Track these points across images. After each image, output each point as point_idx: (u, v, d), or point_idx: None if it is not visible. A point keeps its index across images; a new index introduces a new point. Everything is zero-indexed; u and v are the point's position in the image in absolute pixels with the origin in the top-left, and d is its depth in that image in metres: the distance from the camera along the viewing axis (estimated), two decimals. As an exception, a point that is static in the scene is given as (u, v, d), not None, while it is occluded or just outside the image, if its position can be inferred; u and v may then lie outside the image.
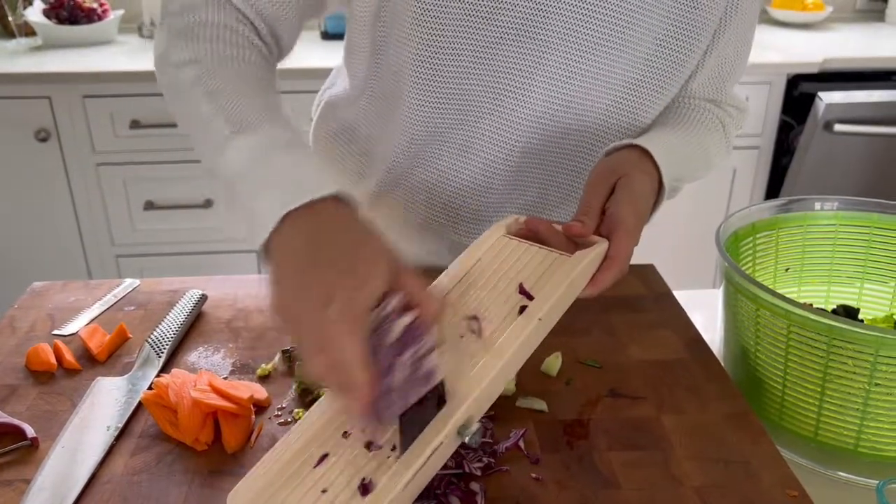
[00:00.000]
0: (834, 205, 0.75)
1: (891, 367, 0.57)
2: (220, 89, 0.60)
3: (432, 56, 0.66)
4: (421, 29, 0.65)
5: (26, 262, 2.09)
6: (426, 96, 0.69)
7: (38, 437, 0.55)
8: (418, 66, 0.67)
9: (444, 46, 0.66)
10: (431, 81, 0.68)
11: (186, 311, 0.69)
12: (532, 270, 0.57)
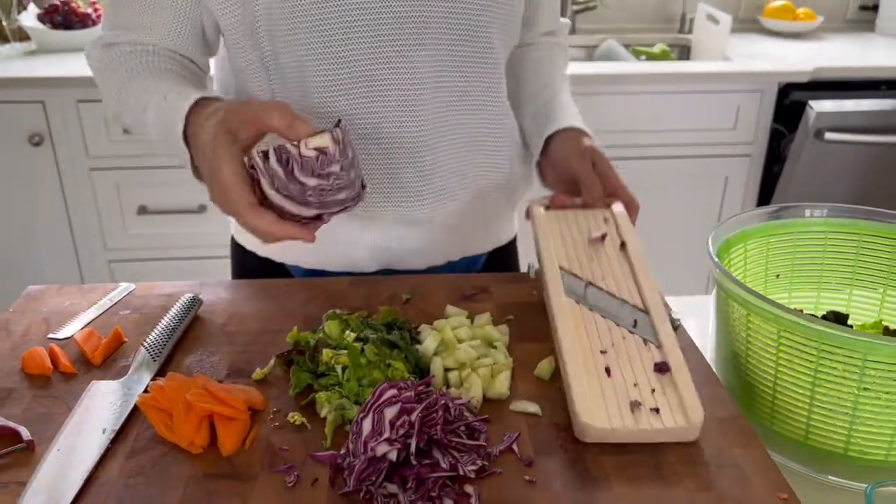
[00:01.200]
0: (823, 212, 0.76)
1: (879, 372, 0.58)
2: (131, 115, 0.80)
3: (328, 51, 0.73)
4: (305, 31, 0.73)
5: (19, 266, 2.08)
6: (333, 88, 0.75)
7: (33, 440, 0.55)
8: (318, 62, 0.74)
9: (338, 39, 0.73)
10: (335, 73, 0.74)
11: (181, 315, 0.69)
12: (599, 223, 0.77)
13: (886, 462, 0.61)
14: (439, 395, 0.55)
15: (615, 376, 0.59)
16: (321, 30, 0.72)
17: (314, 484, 0.52)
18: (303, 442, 0.56)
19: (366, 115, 0.76)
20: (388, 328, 0.66)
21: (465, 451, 0.54)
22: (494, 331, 0.67)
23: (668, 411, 0.56)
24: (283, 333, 0.68)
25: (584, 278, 0.69)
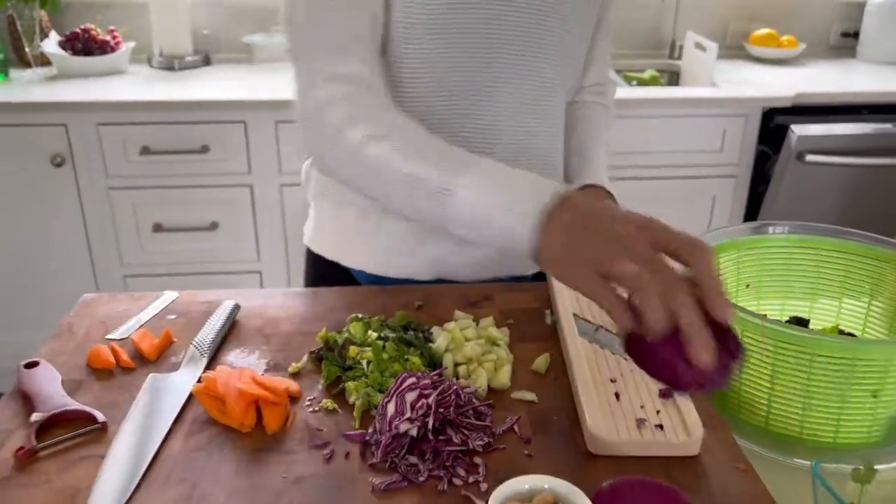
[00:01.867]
0: (785, 229, 0.87)
1: (824, 365, 0.68)
2: (417, 148, 0.73)
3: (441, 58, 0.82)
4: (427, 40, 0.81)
5: (38, 279, 2.18)
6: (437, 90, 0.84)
7: (106, 422, 0.65)
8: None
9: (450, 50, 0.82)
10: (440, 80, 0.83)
11: (223, 318, 0.79)
12: None
13: (834, 444, 0.71)
14: (451, 383, 0.65)
15: (623, 400, 0.68)
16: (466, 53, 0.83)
17: (347, 457, 0.62)
18: (335, 423, 0.66)
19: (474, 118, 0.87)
20: (404, 329, 0.76)
21: (473, 429, 0.64)
22: (497, 331, 0.77)
23: (672, 428, 0.65)
24: (313, 335, 0.78)
25: (595, 322, 0.79)
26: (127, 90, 2.12)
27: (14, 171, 2.04)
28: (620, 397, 0.68)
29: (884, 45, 2.56)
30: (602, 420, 0.65)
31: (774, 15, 2.69)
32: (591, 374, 0.70)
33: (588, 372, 0.70)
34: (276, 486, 0.59)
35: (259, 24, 2.50)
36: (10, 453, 0.62)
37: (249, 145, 2.06)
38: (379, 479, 0.59)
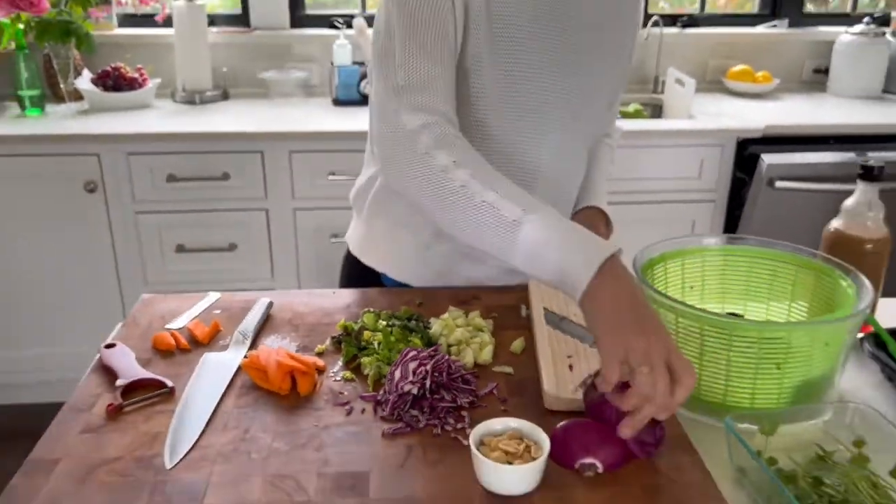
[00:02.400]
0: (720, 240, 1.05)
1: (740, 346, 0.85)
2: (495, 184, 0.85)
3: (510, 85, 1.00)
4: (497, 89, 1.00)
5: (68, 295, 2.35)
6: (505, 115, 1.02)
7: (174, 387, 0.83)
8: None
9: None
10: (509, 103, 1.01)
11: (261, 311, 0.98)
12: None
13: (752, 408, 0.88)
14: (444, 356, 0.83)
15: (575, 371, 0.86)
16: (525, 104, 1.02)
17: (363, 412, 0.80)
18: (353, 388, 0.84)
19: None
20: (407, 319, 0.95)
21: (461, 391, 0.82)
22: (482, 321, 0.95)
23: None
24: (333, 325, 0.96)
25: (560, 314, 0.97)
26: (153, 123, 2.32)
27: (51, 196, 2.23)
28: (573, 368, 0.86)
29: (850, 81, 2.76)
30: (556, 383, 0.82)
31: (751, 52, 2.90)
32: (551, 351, 0.88)
33: (549, 349, 0.88)
34: (309, 431, 0.77)
35: (273, 61, 2.71)
36: (102, 409, 0.80)
37: (266, 173, 2.25)
38: (388, 427, 0.77)
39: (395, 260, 1.16)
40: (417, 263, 1.12)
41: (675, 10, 3.06)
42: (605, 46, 1.08)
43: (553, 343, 0.90)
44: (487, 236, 0.83)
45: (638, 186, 2.38)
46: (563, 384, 0.83)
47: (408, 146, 0.90)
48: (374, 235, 1.18)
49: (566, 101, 1.04)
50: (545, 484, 0.69)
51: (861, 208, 1.08)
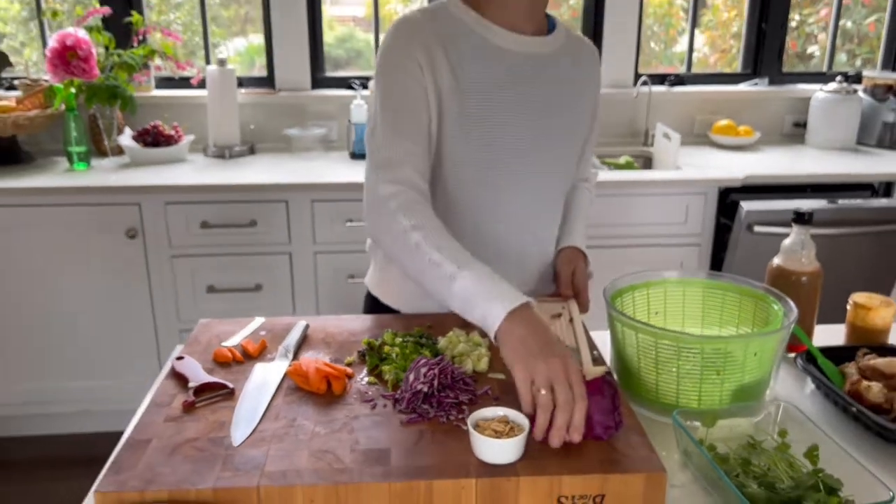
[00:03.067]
0: (679, 273, 1.27)
1: (687, 356, 1.06)
2: (440, 244, 1.09)
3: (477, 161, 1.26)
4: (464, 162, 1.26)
5: (107, 331, 2.57)
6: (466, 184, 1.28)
7: (234, 388, 1.05)
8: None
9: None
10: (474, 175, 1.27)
11: (299, 332, 1.19)
12: (557, 309, 1.24)
13: (699, 408, 1.09)
14: (448, 363, 1.04)
15: None
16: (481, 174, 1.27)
17: (384, 407, 1.01)
18: (376, 390, 1.05)
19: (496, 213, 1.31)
20: (419, 337, 1.16)
21: (462, 391, 1.02)
22: (480, 339, 1.16)
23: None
24: (358, 342, 1.18)
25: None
26: (188, 175, 2.57)
27: (95, 242, 2.47)
28: None
29: (827, 134, 3.00)
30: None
31: (734, 108, 3.15)
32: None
33: None
34: (343, 420, 0.98)
35: (296, 119, 2.97)
36: (179, 404, 1.01)
37: (290, 220, 2.49)
38: (404, 417, 0.98)
39: (406, 298, 1.40)
40: (425, 301, 1.34)
41: (665, 69, 3.33)
42: (565, 111, 1.32)
43: None
44: (433, 286, 1.09)
45: (630, 231, 2.60)
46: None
47: (381, 210, 1.16)
48: (388, 278, 1.43)
49: (534, 146, 1.29)
50: (525, 456, 0.90)
51: (796, 247, 1.30)
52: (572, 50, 1.35)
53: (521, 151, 1.28)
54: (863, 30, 3.54)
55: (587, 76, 1.38)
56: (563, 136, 1.34)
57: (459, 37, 1.24)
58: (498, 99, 1.24)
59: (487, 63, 1.24)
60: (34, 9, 3.11)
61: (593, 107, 1.42)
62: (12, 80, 2.90)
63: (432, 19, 1.25)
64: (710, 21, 4.04)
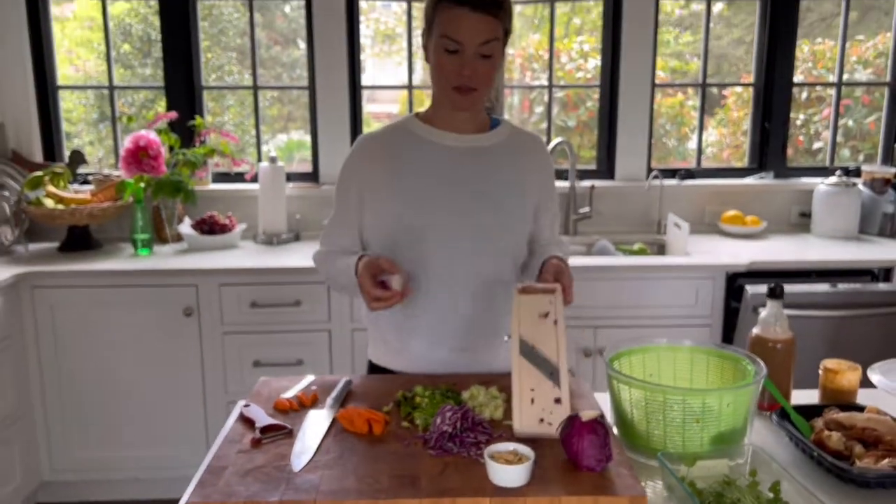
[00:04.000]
0: (670, 340, 1.47)
1: (671, 406, 1.26)
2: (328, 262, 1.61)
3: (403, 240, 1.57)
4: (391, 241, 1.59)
5: (160, 398, 2.80)
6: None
7: (293, 429, 1.26)
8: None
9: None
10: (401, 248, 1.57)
11: (343, 386, 1.42)
12: (546, 303, 1.38)
13: (684, 452, 1.27)
14: (469, 410, 1.25)
15: (536, 403, 1.26)
16: (417, 247, 1.53)
17: (416, 445, 1.22)
18: (409, 432, 1.26)
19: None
20: (445, 391, 1.38)
21: (480, 433, 1.23)
22: (496, 392, 1.37)
23: (555, 425, 1.24)
24: (392, 396, 1.40)
25: (531, 342, 1.34)
26: (240, 259, 2.85)
27: (155, 319, 2.74)
28: (534, 402, 1.26)
29: (830, 224, 3.20)
30: (520, 419, 1.24)
31: (743, 199, 3.38)
32: (519, 386, 1.27)
33: (518, 384, 1.27)
34: (382, 454, 1.19)
35: (337, 209, 3.27)
36: (248, 441, 1.23)
37: (330, 300, 2.74)
38: (432, 452, 1.19)
39: (390, 356, 1.66)
40: (405, 357, 1.63)
41: (680, 163, 3.59)
42: (501, 191, 1.57)
43: (522, 377, 1.29)
44: (339, 280, 1.58)
45: (644, 313, 2.80)
46: (526, 418, 1.25)
47: (316, 259, 1.69)
48: (379, 344, 1.70)
49: (469, 217, 1.55)
50: (532, 482, 1.10)
51: (770, 319, 1.50)
52: (513, 142, 1.64)
53: (455, 221, 1.54)
54: (864, 127, 3.80)
55: (529, 163, 1.64)
56: (500, 212, 1.57)
57: (406, 142, 1.59)
58: (435, 183, 1.55)
59: (424, 156, 1.57)
60: (104, 112, 3.51)
61: (541, 190, 1.65)
62: (87, 175, 3.25)
63: (386, 134, 1.62)
64: (722, 119, 4.34)
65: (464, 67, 1.47)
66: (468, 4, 1.43)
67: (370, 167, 1.59)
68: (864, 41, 3.78)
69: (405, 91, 3.45)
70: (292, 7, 3.63)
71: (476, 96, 1.52)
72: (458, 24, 1.44)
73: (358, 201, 1.61)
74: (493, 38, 1.47)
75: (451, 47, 1.46)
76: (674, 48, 4.27)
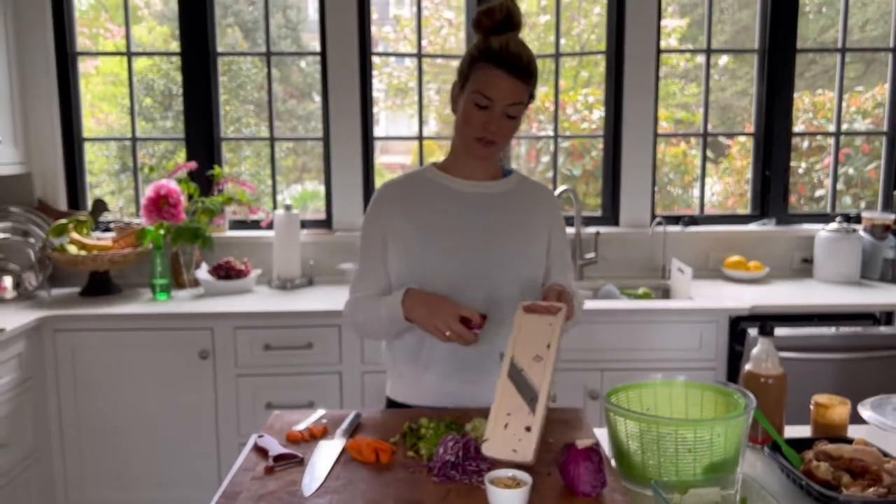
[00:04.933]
0: (666, 376, 1.53)
1: (665, 437, 1.31)
2: (366, 308, 1.66)
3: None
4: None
5: (175, 439, 2.85)
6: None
7: (304, 458, 1.33)
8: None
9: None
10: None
11: (352, 418, 1.49)
12: (545, 326, 1.44)
13: (678, 480, 1.32)
14: (470, 439, 1.32)
15: (509, 430, 1.32)
16: (432, 285, 1.61)
17: (421, 473, 1.28)
18: (414, 461, 1.33)
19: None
20: (448, 423, 1.44)
21: (481, 461, 1.29)
22: (499, 425, 1.44)
23: (520, 453, 1.30)
24: (399, 428, 1.46)
25: (521, 366, 1.40)
26: (255, 303, 2.93)
27: (172, 361, 2.81)
28: (507, 426, 1.32)
29: (832, 269, 3.26)
30: (495, 444, 1.31)
31: (746, 246, 3.45)
32: (497, 410, 1.34)
33: (497, 408, 1.34)
34: (388, 481, 1.25)
35: (349, 255, 3.36)
36: (262, 469, 1.30)
37: (342, 343, 2.81)
38: (436, 479, 1.25)
39: (409, 392, 1.72)
40: (421, 391, 1.69)
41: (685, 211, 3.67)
42: (509, 237, 1.66)
43: (503, 400, 1.36)
44: (379, 327, 1.64)
45: (649, 356, 2.85)
46: (498, 443, 1.31)
47: (347, 309, 1.72)
48: (396, 380, 1.76)
49: (479, 260, 1.64)
50: (529, 506, 1.16)
51: (761, 355, 1.56)
52: (523, 191, 1.74)
53: (467, 260, 1.64)
54: (864, 175, 3.88)
55: (538, 212, 1.73)
56: (510, 250, 1.66)
57: (423, 188, 1.70)
58: (452, 224, 1.66)
59: (440, 200, 1.68)
60: (125, 163, 3.65)
61: (550, 232, 1.74)
62: (108, 223, 3.38)
63: (405, 181, 1.73)
64: (727, 168, 4.44)
65: (490, 122, 1.58)
66: (506, 68, 1.55)
67: (390, 211, 1.68)
68: (863, 92, 3.89)
69: (417, 143, 3.58)
70: (308, 62, 3.79)
71: (494, 149, 1.64)
72: (493, 84, 1.56)
73: (382, 246, 1.69)
74: (519, 102, 1.59)
75: (483, 103, 1.57)
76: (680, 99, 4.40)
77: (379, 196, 1.73)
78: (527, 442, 1.31)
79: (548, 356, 1.39)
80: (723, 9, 4.65)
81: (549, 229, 1.75)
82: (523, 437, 1.32)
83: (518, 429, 1.33)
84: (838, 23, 3.55)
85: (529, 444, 1.30)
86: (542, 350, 1.40)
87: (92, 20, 3.79)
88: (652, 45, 3.34)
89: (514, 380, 1.39)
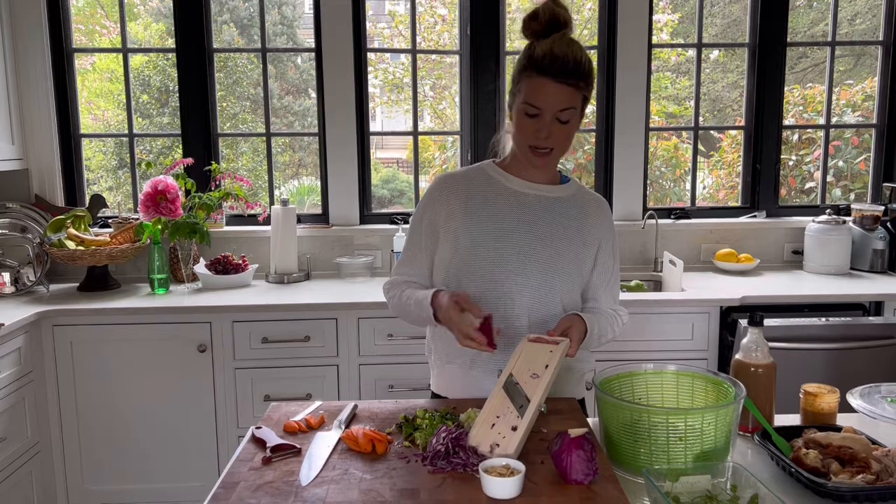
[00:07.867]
0: (657, 366, 1.57)
1: (655, 425, 1.35)
2: (403, 295, 1.71)
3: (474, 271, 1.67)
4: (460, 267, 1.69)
5: (173, 433, 2.88)
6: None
7: (301, 448, 1.36)
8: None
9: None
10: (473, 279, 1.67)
11: (349, 410, 1.52)
12: (546, 353, 1.48)
13: (670, 468, 1.36)
14: (463, 431, 1.35)
15: (495, 428, 1.35)
16: (480, 280, 1.65)
17: (416, 462, 1.31)
18: (409, 451, 1.36)
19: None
20: (444, 414, 1.47)
21: (473, 452, 1.32)
22: (493, 415, 1.47)
23: (503, 447, 1.33)
24: (396, 419, 1.49)
25: (516, 380, 1.44)
26: (252, 297, 2.96)
27: (170, 355, 2.84)
28: (494, 426, 1.35)
29: (822, 260, 3.30)
30: (475, 436, 1.34)
31: (737, 238, 3.48)
32: (488, 410, 1.37)
33: (488, 408, 1.38)
34: (384, 470, 1.28)
35: (345, 250, 3.39)
36: (259, 459, 1.33)
37: (339, 335, 2.84)
38: (430, 468, 1.28)
39: (454, 388, 1.75)
40: (456, 385, 1.73)
41: (677, 204, 3.70)
42: (563, 241, 1.68)
43: (494, 403, 1.40)
44: (410, 313, 1.68)
45: (642, 347, 2.89)
46: (480, 437, 1.34)
47: (386, 287, 1.79)
48: (438, 375, 1.79)
49: (534, 262, 1.66)
50: (523, 493, 1.19)
51: (751, 345, 1.60)
52: (579, 199, 1.75)
53: (518, 259, 1.65)
54: (854, 168, 3.92)
55: (592, 222, 1.75)
56: (560, 256, 1.68)
57: (482, 185, 1.71)
58: (506, 223, 1.66)
59: (499, 198, 1.68)
60: (122, 159, 3.66)
61: (601, 246, 1.75)
62: (106, 218, 3.40)
63: (465, 175, 1.74)
64: (717, 161, 4.47)
65: (540, 130, 1.58)
66: (550, 75, 1.54)
67: (446, 201, 1.70)
68: (852, 86, 3.92)
69: (412, 138, 3.60)
70: (303, 59, 3.81)
71: (551, 156, 1.64)
72: (539, 92, 1.55)
73: (430, 234, 1.72)
74: (570, 107, 1.57)
75: (532, 112, 1.58)
76: (671, 92, 4.42)
77: (436, 185, 1.75)
78: (511, 439, 1.34)
79: (544, 375, 1.43)
80: (714, 2, 4.67)
81: (600, 242, 1.76)
82: (508, 435, 1.35)
83: (504, 428, 1.36)
84: (828, 17, 3.58)
85: (513, 441, 1.33)
86: (540, 370, 1.45)
87: (88, 17, 3.80)
88: (644, 41, 3.36)
89: (508, 391, 1.43)
